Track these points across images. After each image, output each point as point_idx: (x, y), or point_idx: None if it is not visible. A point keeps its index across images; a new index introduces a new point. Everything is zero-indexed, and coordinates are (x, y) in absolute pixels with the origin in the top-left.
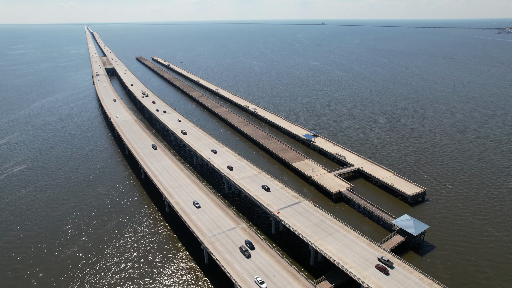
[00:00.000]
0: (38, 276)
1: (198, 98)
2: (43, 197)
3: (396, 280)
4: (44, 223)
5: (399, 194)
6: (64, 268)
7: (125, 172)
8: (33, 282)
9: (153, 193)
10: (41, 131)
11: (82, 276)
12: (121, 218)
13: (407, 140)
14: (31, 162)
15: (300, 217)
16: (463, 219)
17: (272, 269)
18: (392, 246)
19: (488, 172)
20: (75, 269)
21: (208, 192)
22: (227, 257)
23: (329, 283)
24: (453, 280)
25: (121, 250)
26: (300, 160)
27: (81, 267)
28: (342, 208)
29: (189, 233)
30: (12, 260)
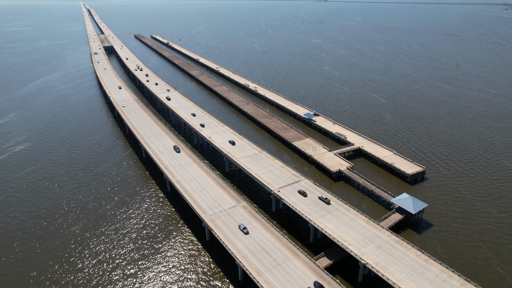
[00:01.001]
0: (41, 254)
1: (198, 77)
2: (44, 176)
3: (394, 257)
4: (46, 202)
5: (399, 173)
6: (67, 246)
7: (126, 151)
8: (36, 261)
9: (154, 172)
10: (40, 110)
11: (85, 253)
12: (123, 197)
13: (408, 120)
14: (31, 141)
15: (300, 196)
16: (462, 199)
17: (272, 246)
18: (391, 224)
19: (489, 152)
20: (77, 247)
21: (209, 171)
22: (228, 234)
23: (328, 259)
24: (449, 258)
25: (123, 228)
26: (300, 139)
27: (84, 245)
28: (342, 186)
29: (190, 211)
30: (15, 239)
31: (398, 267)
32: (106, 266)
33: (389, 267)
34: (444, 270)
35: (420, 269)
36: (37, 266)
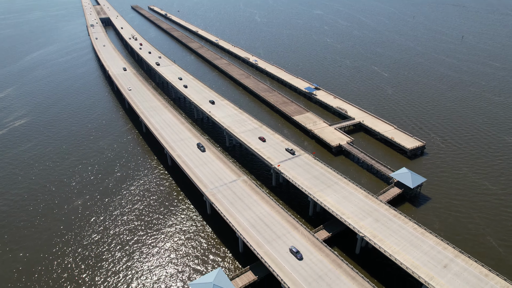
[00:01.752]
0: (45, 228)
1: (197, 50)
2: (45, 151)
3: (391, 229)
4: (48, 177)
5: (399, 148)
6: (70, 220)
7: (126, 126)
8: (41, 234)
9: (154, 147)
10: (39, 84)
11: (88, 227)
12: (124, 171)
13: (410, 94)
14: (31, 116)
15: (300, 170)
16: (461, 174)
17: (272, 219)
18: (389, 198)
19: (490, 127)
20: (81, 220)
21: (209, 146)
22: (228, 208)
23: (326, 232)
24: (446, 231)
25: (125, 202)
26: (301, 113)
27: (87, 218)
28: (341, 161)
29: (191, 185)
30: (18, 214)
31: (395, 240)
32: (109, 239)
33: (386, 240)
34: (440, 243)
35: (416, 241)
36: (42, 240)
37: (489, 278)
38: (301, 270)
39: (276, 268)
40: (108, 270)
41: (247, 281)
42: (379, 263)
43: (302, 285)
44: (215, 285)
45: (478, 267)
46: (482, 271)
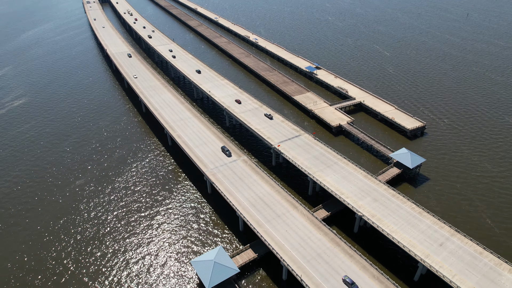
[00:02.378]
0: (48, 207)
1: (196, 28)
2: (45, 131)
3: (389, 209)
4: (49, 158)
5: (399, 128)
6: (71, 201)
7: (126, 106)
8: (44, 214)
9: (154, 127)
10: (36, 63)
11: (90, 207)
12: (125, 152)
13: (412, 74)
14: (29, 96)
15: (300, 150)
16: (461, 155)
17: (272, 199)
18: (388, 178)
19: (492, 107)
20: (82, 201)
21: (209, 125)
22: (229, 187)
23: (325, 211)
24: (443, 211)
25: (126, 182)
26: (301, 93)
27: (88, 199)
28: (341, 141)
29: (192, 165)
30: (21, 194)
31: (393, 219)
32: (111, 219)
33: (384, 219)
34: (436, 222)
35: (414, 221)
36: (46, 219)
37: (483, 255)
38: (300, 248)
39: (275, 246)
40: (110, 249)
41: (247, 259)
42: (377, 242)
43: (301, 262)
44: (216, 263)
45: (473, 245)
46: (477, 249)
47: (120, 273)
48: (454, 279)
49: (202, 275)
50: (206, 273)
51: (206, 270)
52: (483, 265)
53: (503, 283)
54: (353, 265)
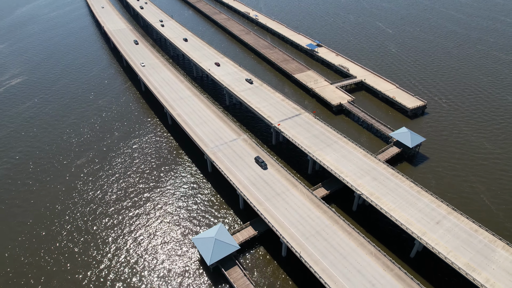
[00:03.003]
0: (48, 188)
1: (195, 4)
2: (44, 111)
3: (388, 188)
4: (48, 138)
5: (400, 107)
6: (72, 180)
7: (125, 84)
8: (46, 194)
9: (154, 106)
10: (32, 41)
11: (92, 186)
12: (125, 131)
13: (415, 52)
14: (27, 75)
15: (300, 129)
16: (461, 134)
17: (272, 177)
18: (388, 157)
19: (495, 87)
20: (83, 180)
21: (209, 104)
22: (229, 166)
23: (325, 190)
24: (441, 190)
25: (127, 161)
26: (302, 71)
27: (89, 178)
28: (342, 120)
29: (192, 144)
30: (23, 174)
31: (391, 198)
32: (112, 198)
33: (383, 198)
34: (434, 201)
35: (412, 199)
36: (48, 199)
37: (478, 233)
38: (299, 225)
39: (275, 224)
40: (111, 228)
41: (247, 236)
42: (375, 220)
43: (300, 239)
44: (216, 240)
45: (469, 223)
46: (473, 227)
47: (122, 251)
48: (449, 256)
49: (203, 252)
50: (207, 250)
51: (207, 247)
52: (478, 242)
53: (496, 259)
54: (351, 242)
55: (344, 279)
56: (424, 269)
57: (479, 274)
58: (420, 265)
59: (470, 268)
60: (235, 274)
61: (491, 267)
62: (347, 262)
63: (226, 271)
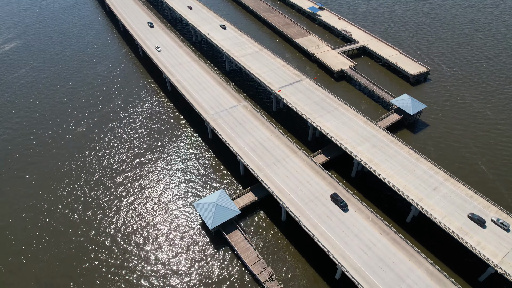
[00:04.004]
0: (50, 156)
1: None
2: (40, 78)
3: (387, 154)
4: (47, 105)
5: (402, 74)
6: (74, 147)
7: (122, 50)
8: (47, 162)
9: (153, 72)
10: (23, 4)
11: (91, 154)
12: (124, 98)
13: (420, 15)
14: (20, 40)
15: (300, 95)
16: (463, 102)
17: (272, 144)
18: (388, 124)
19: (502, 52)
20: (84, 148)
21: (209, 70)
22: (229, 133)
23: (324, 156)
24: (440, 157)
25: (127, 129)
26: (303, 36)
27: (90, 146)
28: (343, 86)
29: (192, 110)
30: (23, 142)
31: (390, 164)
32: (114, 165)
33: (382, 164)
34: (432, 167)
35: (410, 166)
36: (49, 166)
37: (473, 199)
38: (299, 191)
39: (275, 190)
40: (113, 194)
41: (247, 201)
42: (373, 186)
43: (299, 204)
44: (218, 205)
45: (465, 189)
46: (468, 193)
47: (124, 217)
48: (443, 221)
49: (205, 217)
50: (209, 214)
51: (208, 212)
52: (472, 208)
53: (489, 224)
54: (349, 207)
55: (342, 243)
56: (419, 233)
57: (471, 237)
58: (415, 230)
59: (462, 232)
60: (236, 238)
61: (483, 231)
62: (344, 227)
63: (227, 235)
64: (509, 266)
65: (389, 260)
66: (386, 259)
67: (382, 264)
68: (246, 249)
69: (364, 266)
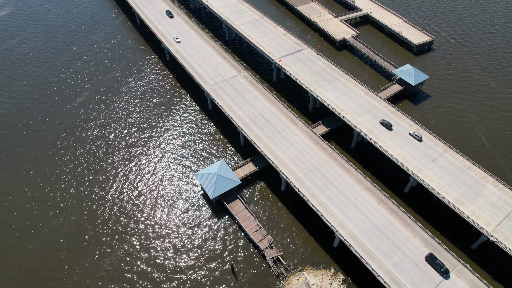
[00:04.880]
0: (49, 128)
1: None
2: (35, 47)
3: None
4: (44, 77)
5: (405, 43)
6: (73, 119)
7: (119, 18)
8: (47, 134)
9: (151, 41)
10: None
11: (91, 126)
12: (123, 68)
13: None
14: (11, 7)
15: (301, 65)
16: (467, 72)
17: (272, 115)
18: (389, 95)
19: (510, 22)
20: (83, 120)
21: (208, 39)
22: (229, 104)
23: (324, 127)
24: (440, 129)
25: (127, 100)
26: (305, 3)
27: (90, 117)
28: (345, 56)
29: (191, 81)
30: (22, 113)
31: (390, 136)
32: (114, 137)
33: (382, 135)
34: (432, 139)
35: (410, 137)
36: (49, 139)
37: (471, 170)
38: (299, 162)
39: (275, 160)
40: (114, 165)
41: (248, 172)
42: (372, 157)
43: (299, 175)
44: (218, 175)
45: (463, 160)
46: (466, 164)
47: (126, 188)
48: (440, 191)
49: (206, 187)
50: (210, 184)
51: (209, 182)
52: (470, 179)
53: (484, 194)
54: (348, 178)
55: (340, 212)
56: (416, 203)
57: (467, 207)
58: (412, 200)
59: (459, 202)
60: (236, 207)
61: (479, 201)
62: (343, 197)
63: (228, 204)
64: (501, 234)
65: (386, 229)
66: (383, 228)
67: (379, 233)
68: (247, 218)
69: (361, 235)
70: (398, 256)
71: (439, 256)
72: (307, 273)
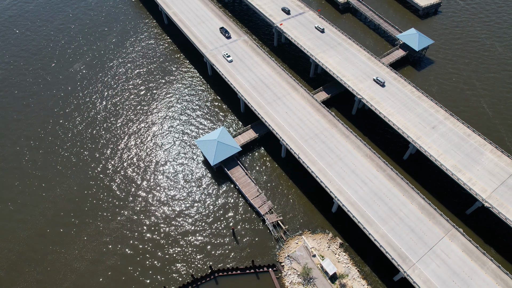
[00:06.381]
0: (47, 94)
1: None
2: (28, 9)
3: (389, 92)
4: (37, 43)
5: (411, 6)
6: (71, 85)
7: None
8: (45, 102)
9: (148, 3)
10: None
11: (90, 93)
12: (119, 33)
13: None
14: None
15: (303, 29)
16: (474, 38)
17: (273, 81)
18: (392, 60)
19: None
20: (82, 86)
21: (207, 1)
22: (229, 69)
23: (326, 93)
24: (442, 96)
25: (124, 65)
26: None
27: (88, 84)
28: (348, 19)
29: (190, 45)
30: (16, 82)
31: (391, 102)
32: (114, 104)
33: (383, 102)
34: (433, 106)
35: (412, 104)
36: (48, 106)
37: (471, 137)
38: (299, 128)
39: (275, 127)
40: (114, 133)
41: (248, 138)
42: (373, 124)
43: (299, 141)
44: (219, 142)
45: (464, 128)
46: (466, 132)
47: (127, 155)
48: (439, 158)
49: (206, 153)
50: (210, 151)
51: (210, 149)
52: (469, 146)
53: (482, 161)
54: (348, 144)
55: (339, 178)
56: (415, 170)
57: (464, 174)
58: (411, 167)
59: (456, 169)
60: (237, 173)
61: (476, 168)
62: (342, 163)
63: (228, 171)
64: (495, 200)
65: (383, 195)
66: (381, 194)
67: (377, 199)
68: (247, 184)
69: (359, 200)
70: (394, 221)
71: (433, 221)
72: (306, 237)
